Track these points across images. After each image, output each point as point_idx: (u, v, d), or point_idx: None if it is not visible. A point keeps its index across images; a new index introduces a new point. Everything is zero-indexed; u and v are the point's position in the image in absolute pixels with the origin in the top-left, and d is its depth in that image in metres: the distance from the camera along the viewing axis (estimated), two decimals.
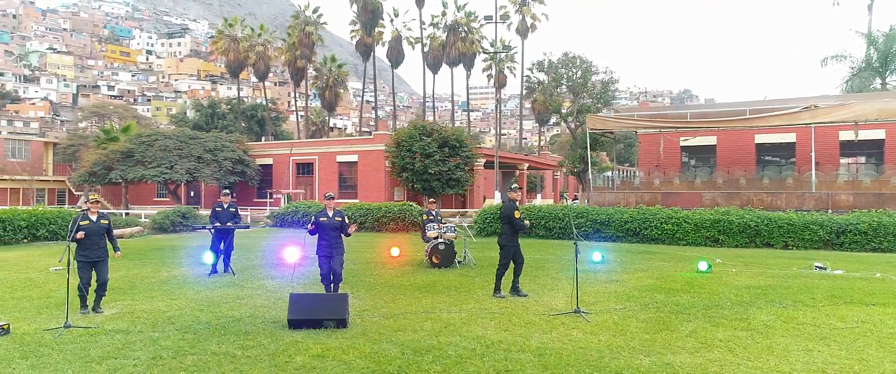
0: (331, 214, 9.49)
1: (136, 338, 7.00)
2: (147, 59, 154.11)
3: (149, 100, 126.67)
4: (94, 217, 8.59)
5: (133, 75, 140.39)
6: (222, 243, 12.32)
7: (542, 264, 13.87)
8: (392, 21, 59.41)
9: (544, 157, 52.83)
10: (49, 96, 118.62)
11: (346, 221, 9.57)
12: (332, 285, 9.41)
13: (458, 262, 13.63)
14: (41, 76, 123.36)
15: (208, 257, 12.33)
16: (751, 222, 18.55)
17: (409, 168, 27.58)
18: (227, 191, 12.79)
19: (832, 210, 20.56)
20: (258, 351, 6.45)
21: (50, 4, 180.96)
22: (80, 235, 8.32)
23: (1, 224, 18.42)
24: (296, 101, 65.31)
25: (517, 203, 9.69)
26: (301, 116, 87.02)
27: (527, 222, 9.68)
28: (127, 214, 33.86)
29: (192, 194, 45.05)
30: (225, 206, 12.37)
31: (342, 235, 9.51)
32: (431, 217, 14.17)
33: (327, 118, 74.91)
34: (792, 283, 11.06)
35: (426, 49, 58.39)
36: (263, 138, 52.88)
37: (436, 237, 13.43)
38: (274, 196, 37.72)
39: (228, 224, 12.26)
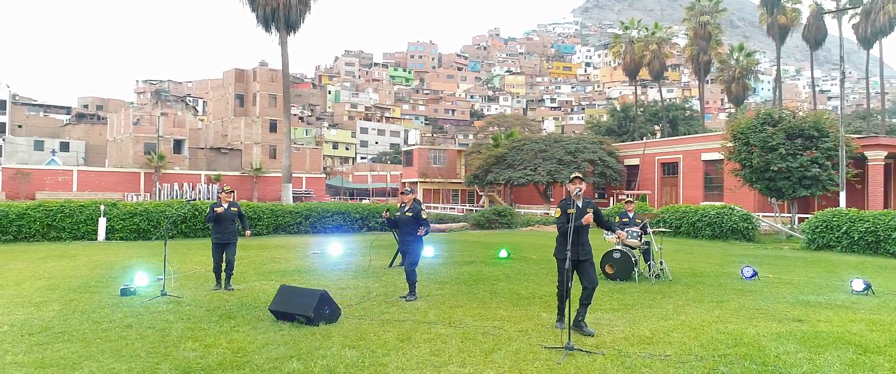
0: (406, 208, 9.26)
1: (158, 309, 8.14)
2: (585, 71, 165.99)
3: (583, 108, 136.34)
4: (225, 205, 10.18)
5: (572, 87, 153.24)
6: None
7: (727, 288, 10.21)
8: None
9: None
10: (504, 112, 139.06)
11: (422, 217, 9.14)
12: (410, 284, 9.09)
13: (646, 274, 11.15)
14: (499, 95, 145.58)
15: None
16: None
17: (747, 165, 23.11)
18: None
19: None
20: (188, 333, 6.82)
21: (511, 33, 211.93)
22: (221, 209, 9.93)
23: (342, 216, 22.88)
24: (706, 97, 61.32)
25: (575, 200, 7.27)
26: (729, 113, 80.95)
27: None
28: None
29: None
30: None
31: (417, 232, 9.08)
32: (626, 219, 11.85)
33: (738, 113, 67.97)
34: None
35: (856, 21, 47.54)
36: (655, 136, 51.40)
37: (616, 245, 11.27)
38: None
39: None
